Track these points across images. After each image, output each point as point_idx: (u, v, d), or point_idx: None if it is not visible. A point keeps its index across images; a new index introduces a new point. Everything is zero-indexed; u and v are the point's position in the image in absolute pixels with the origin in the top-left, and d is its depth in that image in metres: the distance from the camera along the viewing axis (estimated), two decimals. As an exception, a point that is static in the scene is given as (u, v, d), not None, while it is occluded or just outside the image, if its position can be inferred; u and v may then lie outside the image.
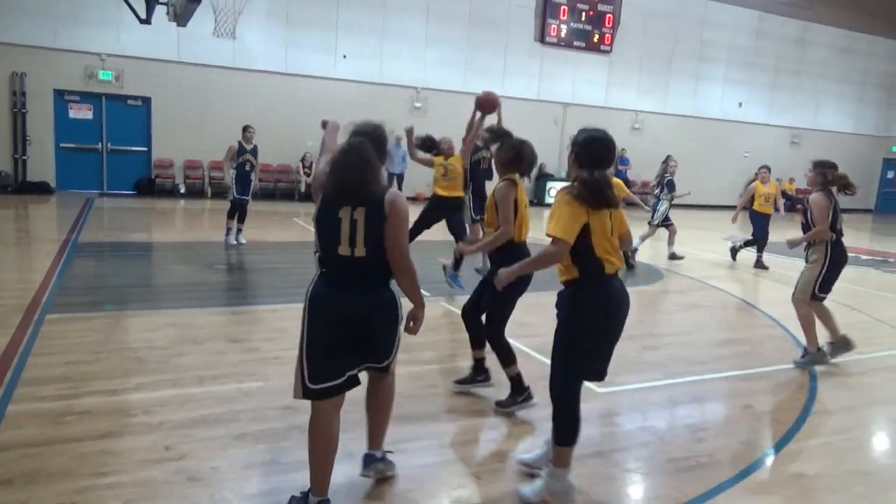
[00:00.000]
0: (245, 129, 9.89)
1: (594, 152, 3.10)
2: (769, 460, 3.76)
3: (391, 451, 3.30)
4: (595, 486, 3.34)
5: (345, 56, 17.22)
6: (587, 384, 4.69)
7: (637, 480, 3.50)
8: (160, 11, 10.20)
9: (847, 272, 10.45)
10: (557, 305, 3.24)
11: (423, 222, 7.35)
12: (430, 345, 5.45)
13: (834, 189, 5.38)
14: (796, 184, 23.68)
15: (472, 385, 4.52)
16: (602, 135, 3.17)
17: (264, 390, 4.26)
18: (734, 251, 11.01)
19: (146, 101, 15.77)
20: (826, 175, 5.34)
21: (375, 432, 3.22)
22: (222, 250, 9.41)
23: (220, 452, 3.40)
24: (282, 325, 5.87)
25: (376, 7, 17.34)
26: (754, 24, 22.69)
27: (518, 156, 4.14)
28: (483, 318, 4.37)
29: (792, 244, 5.67)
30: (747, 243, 10.83)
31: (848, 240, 5.68)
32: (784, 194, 23.44)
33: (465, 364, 5.01)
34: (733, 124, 23.02)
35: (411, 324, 3.09)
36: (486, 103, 5.63)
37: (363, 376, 3.09)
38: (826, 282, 5.45)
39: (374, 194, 2.85)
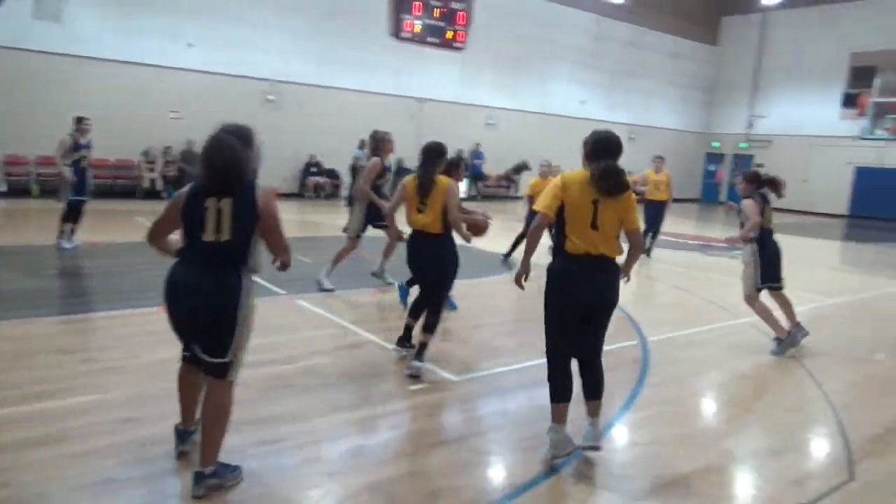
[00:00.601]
0: (80, 120, 9.00)
1: (599, 147, 3.67)
2: (608, 433, 4.08)
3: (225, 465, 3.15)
4: (455, 471, 3.44)
5: (190, 44, 16.27)
6: (442, 373, 4.86)
7: (492, 462, 3.66)
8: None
9: (676, 256, 11.54)
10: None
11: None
12: (286, 344, 5.33)
13: (766, 192, 6.01)
14: (633, 176, 25.71)
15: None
16: (605, 133, 3.77)
17: (102, 403, 3.97)
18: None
19: (-46, 88, 13.97)
20: (755, 182, 5.99)
21: (203, 445, 3.09)
22: (54, 255, 8.58)
23: (48, 476, 3.12)
24: (121, 332, 5.48)
25: (223, -6, 16.55)
26: (593, 28, 24.26)
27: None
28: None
29: (731, 241, 6.26)
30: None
31: (676, 227, 6.25)
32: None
33: (323, 361, 4.97)
34: (577, 121, 24.47)
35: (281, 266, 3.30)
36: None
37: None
38: (766, 274, 5.92)
39: (243, 189, 3.05)
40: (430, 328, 4.85)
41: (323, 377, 4.66)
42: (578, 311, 3.56)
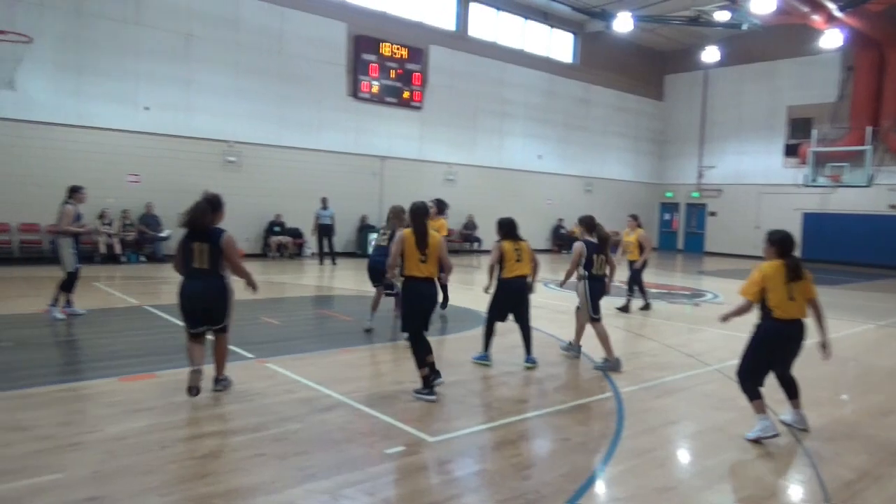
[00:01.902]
0: (77, 189, 8.86)
1: (786, 245, 5.03)
2: (589, 489, 4.03)
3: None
4: (433, 538, 3.34)
5: (147, 108, 16.22)
6: (418, 434, 4.77)
7: (472, 526, 3.57)
8: (-82, 56, 8.95)
9: (638, 304, 11.66)
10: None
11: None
12: (256, 410, 5.18)
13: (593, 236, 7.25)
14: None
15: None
16: (786, 233, 5.09)
17: (61, 483, 3.76)
18: (625, 308, 11.09)
19: None
20: (585, 226, 7.31)
21: (218, 365, 5.64)
22: (3, 325, 8.24)
23: (7, 565, 2.92)
24: (81, 405, 5.25)
25: (180, 59, 16.62)
26: (545, 86, 25.11)
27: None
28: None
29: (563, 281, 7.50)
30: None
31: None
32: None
33: (295, 427, 4.83)
34: (534, 175, 25.06)
35: (251, 288, 5.65)
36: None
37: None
38: (594, 308, 7.15)
39: (213, 235, 5.36)
40: (431, 349, 5.85)
41: (295, 444, 4.52)
42: (783, 355, 5.12)
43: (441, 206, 9.31)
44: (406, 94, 20.91)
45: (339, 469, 4.18)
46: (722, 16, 22.10)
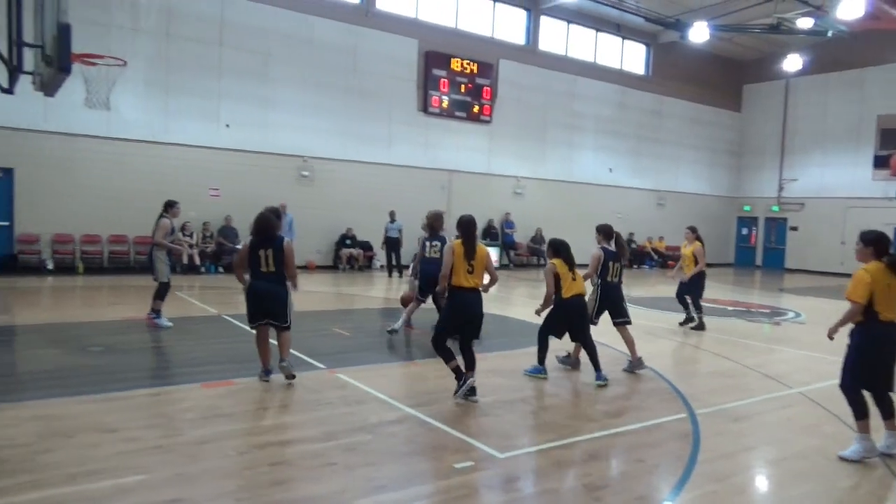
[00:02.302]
0: (173, 205, 9.24)
1: (882, 243, 4.91)
2: (663, 512, 3.90)
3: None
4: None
5: (228, 125, 16.95)
6: (487, 449, 4.74)
7: (542, 546, 3.51)
8: (25, 79, 9.62)
9: (713, 322, 11.30)
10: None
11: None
12: (326, 420, 5.28)
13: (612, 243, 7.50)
14: (666, 241, 25.64)
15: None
16: (882, 233, 4.96)
17: (146, 484, 3.93)
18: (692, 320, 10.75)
19: (7, 171, 14.64)
20: (604, 234, 7.55)
21: (281, 351, 6.28)
22: (96, 331, 8.73)
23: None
24: (164, 409, 5.49)
25: (260, 77, 17.31)
26: (616, 98, 24.72)
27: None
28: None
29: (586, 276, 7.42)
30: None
31: (711, 293, 6.21)
32: (655, 251, 25.38)
33: (365, 438, 4.89)
34: (605, 188, 24.65)
35: (293, 287, 6.40)
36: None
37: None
38: (598, 313, 7.44)
39: (276, 242, 6.24)
40: (474, 365, 5.99)
41: (365, 455, 4.58)
42: (887, 360, 4.88)
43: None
44: (475, 109, 21.03)
45: (408, 482, 4.20)
46: (805, 23, 21.19)
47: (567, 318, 6.93)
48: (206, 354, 7.51)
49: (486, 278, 6.14)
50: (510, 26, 22.03)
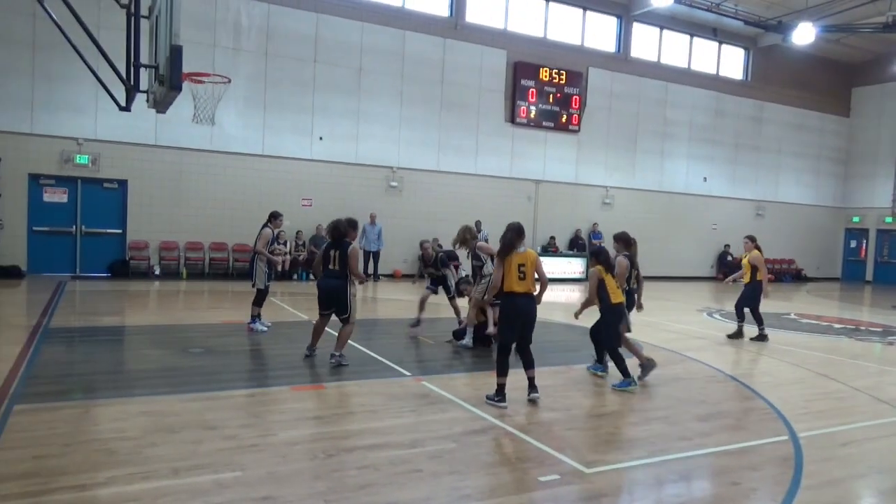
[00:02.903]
0: (276, 216, 9.57)
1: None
2: (761, 539, 3.70)
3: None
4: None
5: (321, 138, 17.59)
6: (572, 464, 4.65)
7: (630, 566, 3.40)
8: (140, 98, 10.37)
9: (820, 341, 10.66)
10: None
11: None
12: (412, 427, 5.34)
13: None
14: (765, 254, 24.30)
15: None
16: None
17: (242, 481, 4.12)
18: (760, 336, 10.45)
19: (122, 183, 15.81)
20: (623, 242, 7.66)
21: (338, 343, 7.31)
22: (200, 333, 9.25)
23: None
24: (259, 409, 5.73)
25: (351, 91, 17.88)
26: (712, 104, 23.80)
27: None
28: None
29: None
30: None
31: (816, 309, 5.83)
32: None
33: (450, 446, 4.91)
34: (699, 198, 23.76)
35: (357, 281, 7.45)
36: None
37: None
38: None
39: (344, 245, 7.28)
40: (533, 364, 6.23)
41: (450, 463, 4.59)
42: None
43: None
44: (563, 118, 20.83)
45: (493, 492, 4.19)
46: (922, 20, 19.72)
47: (618, 320, 7.04)
48: (298, 358, 7.77)
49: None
50: (601, 34, 21.72)
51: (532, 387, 6.18)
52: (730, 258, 23.61)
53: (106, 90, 8.07)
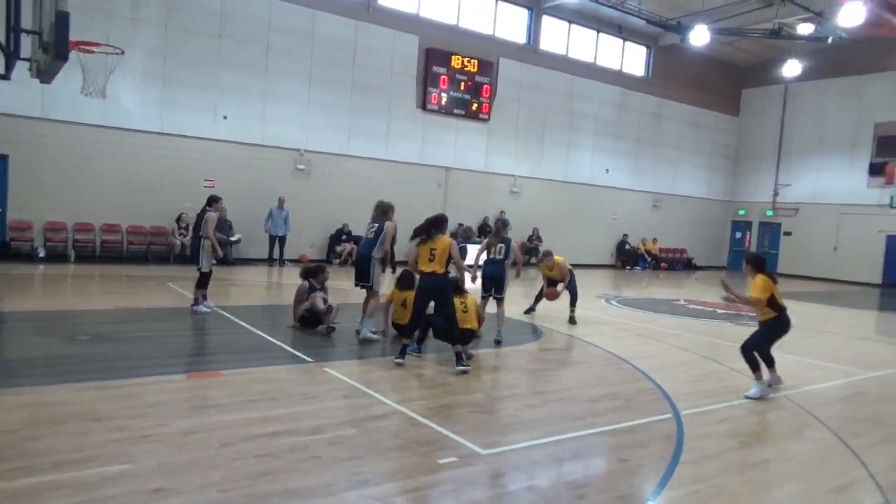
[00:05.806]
0: (217, 199, 9.98)
1: (760, 261, 7.04)
2: (643, 512, 3.94)
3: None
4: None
5: (225, 117, 16.93)
6: (471, 446, 4.77)
7: (522, 542, 3.54)
8: (21, 66, 9.60)
9: (704, 326, 11.33)
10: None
11: None
12: (312, 413, 5.31)
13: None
14: (659, 244, 25.77)
15: None
16: (760, 254, 5.87)
17: (131, 473, 3.96)
18: None
19: (2, 158, 14.61)
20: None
21: (363, 308, 8.21)
22: (88, 320, 8.75)
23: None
24: (153, 399, 5.50)
25: (258, 70, 17.30)
26: (617, 99, 24.77)
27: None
28: None
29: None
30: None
31: (703, 296, 6.19)
32: (648, 252, 25.52)
33: (350, 432, 4.92)
34: (602, 189, 24.72)
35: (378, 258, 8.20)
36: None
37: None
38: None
39: (381, 223, 8.22)
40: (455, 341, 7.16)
41: (350, 449, 4.61)
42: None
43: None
44: (474, 107, 21.06)
45: (392, 476, 4.24)
46: (805, 29, 21.29)
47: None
48: (197, 346, 7.53)
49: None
50: (511, 25, 22.05)
51: (458, 359, 6.94)
52: (627, 247, 24.84)
53: (-19, 57, 7.44)
